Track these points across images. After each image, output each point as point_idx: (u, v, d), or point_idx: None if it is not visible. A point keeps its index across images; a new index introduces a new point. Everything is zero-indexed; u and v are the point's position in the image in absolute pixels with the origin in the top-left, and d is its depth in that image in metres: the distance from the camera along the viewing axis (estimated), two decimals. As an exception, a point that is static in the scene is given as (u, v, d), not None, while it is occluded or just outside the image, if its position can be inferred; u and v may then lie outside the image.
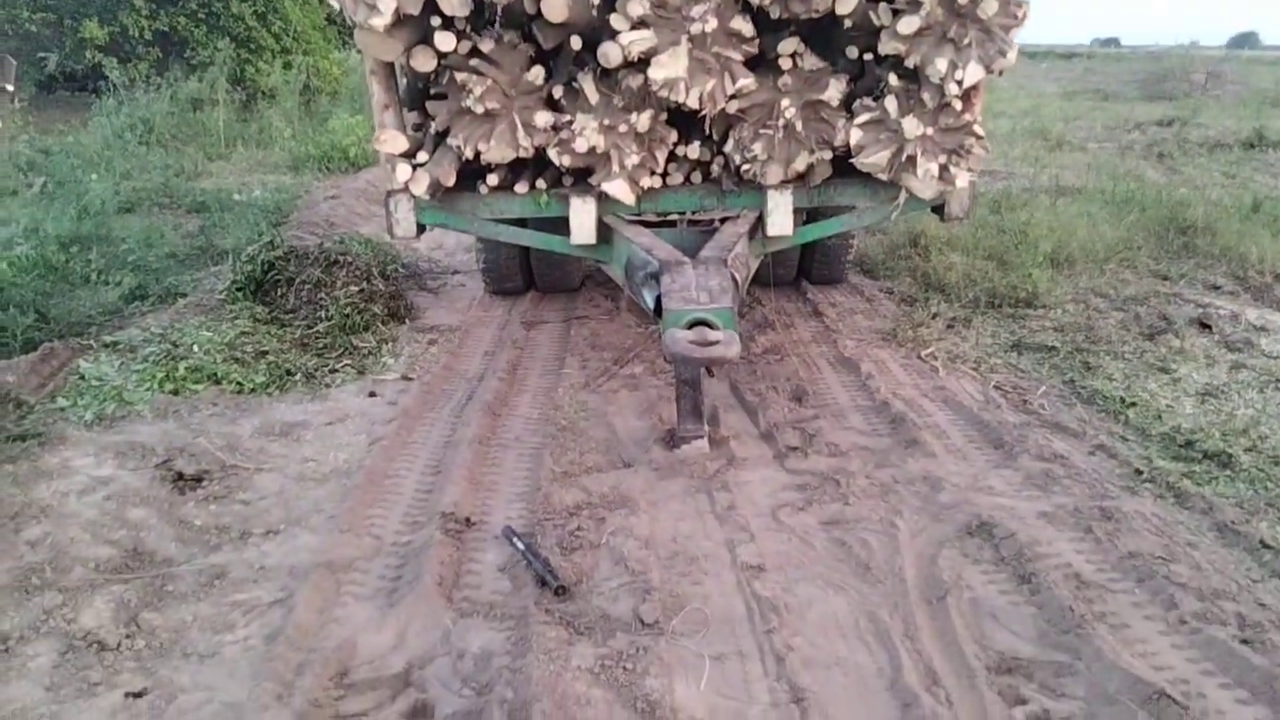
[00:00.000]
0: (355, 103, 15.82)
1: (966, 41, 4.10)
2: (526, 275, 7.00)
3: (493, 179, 4.81)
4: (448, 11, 4.13)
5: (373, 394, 5.05)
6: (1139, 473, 4.06)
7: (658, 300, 4.10)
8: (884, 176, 4.58)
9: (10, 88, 10.79)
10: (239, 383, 5.00)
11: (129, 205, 9.10)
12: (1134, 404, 4.79)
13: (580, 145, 4.51)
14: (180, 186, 10.14)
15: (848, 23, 4.23)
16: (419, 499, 3.89)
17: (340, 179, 11.71)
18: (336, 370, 5.35)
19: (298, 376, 5.18)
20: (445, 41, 4.21)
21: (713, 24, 4.18)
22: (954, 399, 4.91)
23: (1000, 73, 4.25)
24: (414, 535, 3.59)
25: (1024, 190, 9.87)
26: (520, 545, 3.41)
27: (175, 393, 4.83)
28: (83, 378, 4.92)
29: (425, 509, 3.78)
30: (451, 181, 4.60)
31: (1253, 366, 5.25)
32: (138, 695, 2.71)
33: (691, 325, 3.82)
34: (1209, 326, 5.85)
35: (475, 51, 4.34)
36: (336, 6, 4.04)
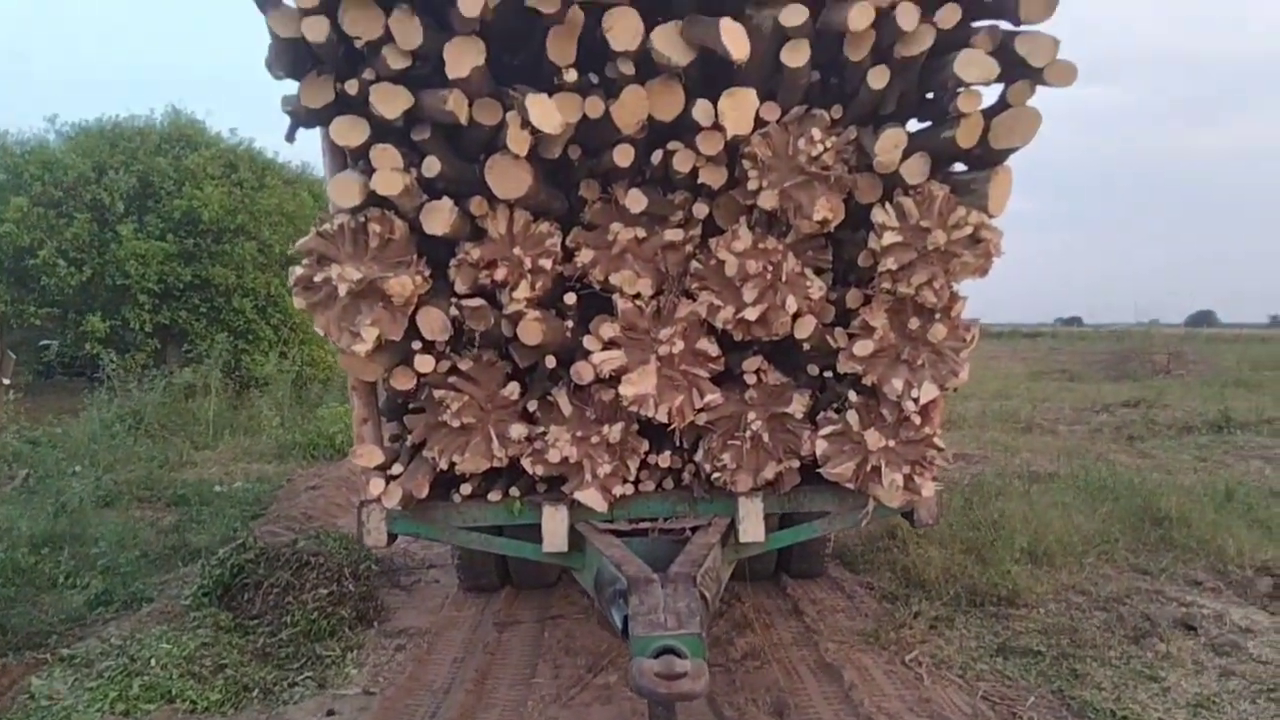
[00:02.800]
0: (345, 390, 16.25)
1: (920, 362, 4.33)
2: (502, 572, 6.91)
3: (466, 488, 4.86)
4: (428, 336, 4.35)
5: (330, 713, 4.82)
6: (1138, 802, 3.84)
7: (625, 621, 4.02)
8: (850, 485, 4.66)
9: (7, 381, 11.12)
10: (193, 700, 4.77)
11: (109, 499, 9.11)
12: (1125, 717, 4.61)
13: (553, 455, 4.61)
14: (163, 478, 10.21)
15: (806, 345, 4.48)
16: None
17: (324, 466, 11.83)
18: (296, 684, 5.12)
19: (255, 693, 4.96)
20: (425, 364, 4.41)
21: (680, 345, 4.43)
22: (940, 714, 4.71)
23: (955, 390, 4.45)
24: None
25: (997, 476, 10.01)
26: None
27: (126, 714, 4.60)
28: (32, 697, 4.71)
29: None
30: (424, 494, 4.65)
31: (1241, 673, 5.11)
32: None
33: (659, 653, 3.72)
34: (1194, 628, 5.74)
35: (454, 370, 4.53)
36: (322, 334, 4.25)
